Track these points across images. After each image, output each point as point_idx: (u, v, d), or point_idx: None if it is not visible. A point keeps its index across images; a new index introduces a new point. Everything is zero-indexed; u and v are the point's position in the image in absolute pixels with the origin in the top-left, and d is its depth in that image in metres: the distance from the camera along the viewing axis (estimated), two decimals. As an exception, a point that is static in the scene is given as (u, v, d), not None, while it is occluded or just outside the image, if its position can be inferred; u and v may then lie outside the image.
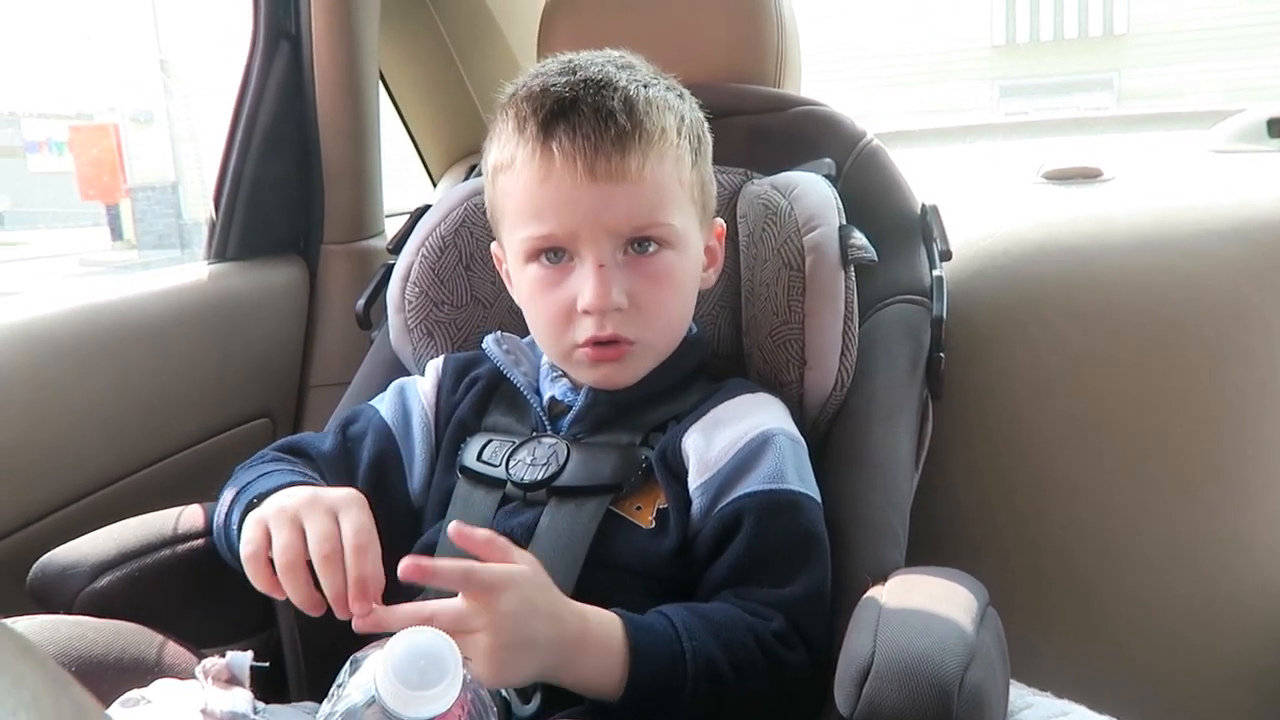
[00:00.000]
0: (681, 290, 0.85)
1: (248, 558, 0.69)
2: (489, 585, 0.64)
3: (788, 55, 1.17)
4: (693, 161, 0.85)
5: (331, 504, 0.71)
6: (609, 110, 0.79)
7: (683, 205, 0.84)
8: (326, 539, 0.67)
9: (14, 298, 1.17)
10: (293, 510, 0.70)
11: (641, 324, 0.82)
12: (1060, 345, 1.18)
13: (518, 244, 0.83)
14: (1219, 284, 1.15)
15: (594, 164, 0.78)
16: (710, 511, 0.79)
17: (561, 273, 0.82)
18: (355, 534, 0.69)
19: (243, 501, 0.78)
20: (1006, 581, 0.84)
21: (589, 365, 0.84)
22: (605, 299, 0.79)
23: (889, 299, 1.01)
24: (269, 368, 1.43)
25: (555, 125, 0.79)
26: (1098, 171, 1.35)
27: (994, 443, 1.22)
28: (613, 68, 0.83)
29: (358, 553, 0.68)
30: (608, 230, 0.79)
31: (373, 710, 0.55)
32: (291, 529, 0.69)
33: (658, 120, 0.81)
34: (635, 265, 0.81)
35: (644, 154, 0.79)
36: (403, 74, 1.72)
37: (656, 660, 0.69)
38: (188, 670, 0.76)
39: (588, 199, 0.78)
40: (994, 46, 9.93)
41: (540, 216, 0.80)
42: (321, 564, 0.67)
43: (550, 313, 0.83)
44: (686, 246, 0.84)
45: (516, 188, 0.82)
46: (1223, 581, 1.18)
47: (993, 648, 0.69)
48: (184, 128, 6.69)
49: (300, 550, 0.68)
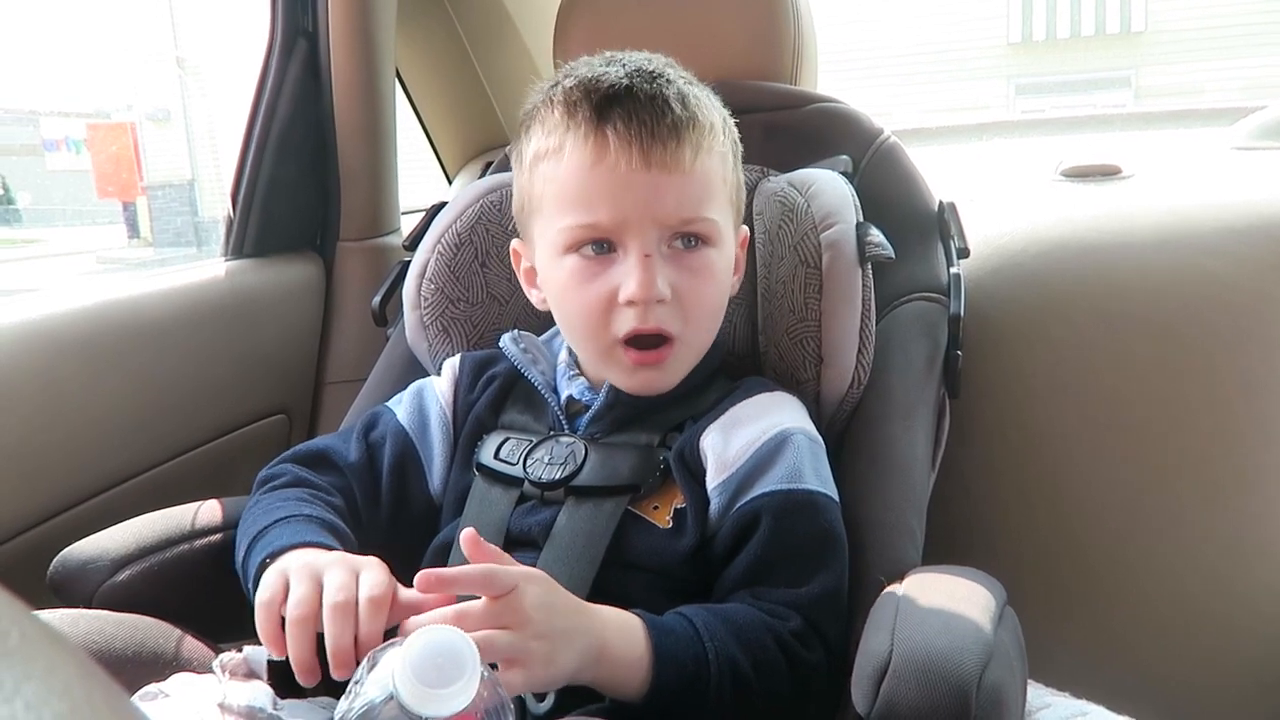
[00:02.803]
0: (720, 288, 0.85)
1: (263, 604, 0.67)
2: (511, 583, 0.64)
3: (804, 52, 1.17)
4: (733, 163, 0.86)
5: (354, 563, 0.69)
6: (665, 98, 0.79)
7: (724, 204, 0.84)
8: (342, 589, 0.65)
9: (32, 294, 1.18)
10: (316, 566, 0.68)
11: (684, 318, 0.81)
12: (1079, 344, 1.17)
13: (556, 234, 0.82)
14: (1241, 282, 1.14)
15: (649, 151, 0.77)
16: (728, 511, 0.79)
17: (603, 264, 0.81)
18: (373, 587, 0.66)
19: (260, 552, 0.75)
20: (1023, 581, 0.83)
21: (629, 369, 0.82)
22: (651, 288, 0.78)
23: (906, 297, 1.01)
24: (285, 364, 1.43)
25: (610, 110, 0.78)
26: (1117, 169, 1.34)
27: (1011, 442, 1.21)
28: (660, 62, 0.83)
29: (372, 605, 0.65)
30: (656, 220, 0.79)
31: (390, 707, 0.55)
32: (310, 584, 0.67)
33: (707, 114, 0.81)
34: (679, 259, 0.81)
35: (696, 146, 0.79)
36: (419, 72, 1.72)
37: (680, 661, 0.69)
38: (205, 665, 0.76)
39: (639, 186, 0.78)
40: (1010, 44, 9.87)
41: (589, 203, 0.79)
42: (331, 611, 0.64)
43: (589, 304, 0.81)
44: (724, 246, 0.84)
45: (563, 173, 0.80)
46: (1242, 585, 1.17)
47: (1011, 647, 0.68)
48: (201, 126, 6.74)
49: (314, 606, 0.65)
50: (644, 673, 0.68)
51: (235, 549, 0.82)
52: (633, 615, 0.70)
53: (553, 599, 0.66)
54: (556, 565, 0.77)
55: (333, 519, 0.81)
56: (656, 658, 0.68)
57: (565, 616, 0.66)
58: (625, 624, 0.69)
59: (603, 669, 0.67)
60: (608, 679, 0.68)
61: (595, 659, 0.66)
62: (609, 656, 0.67)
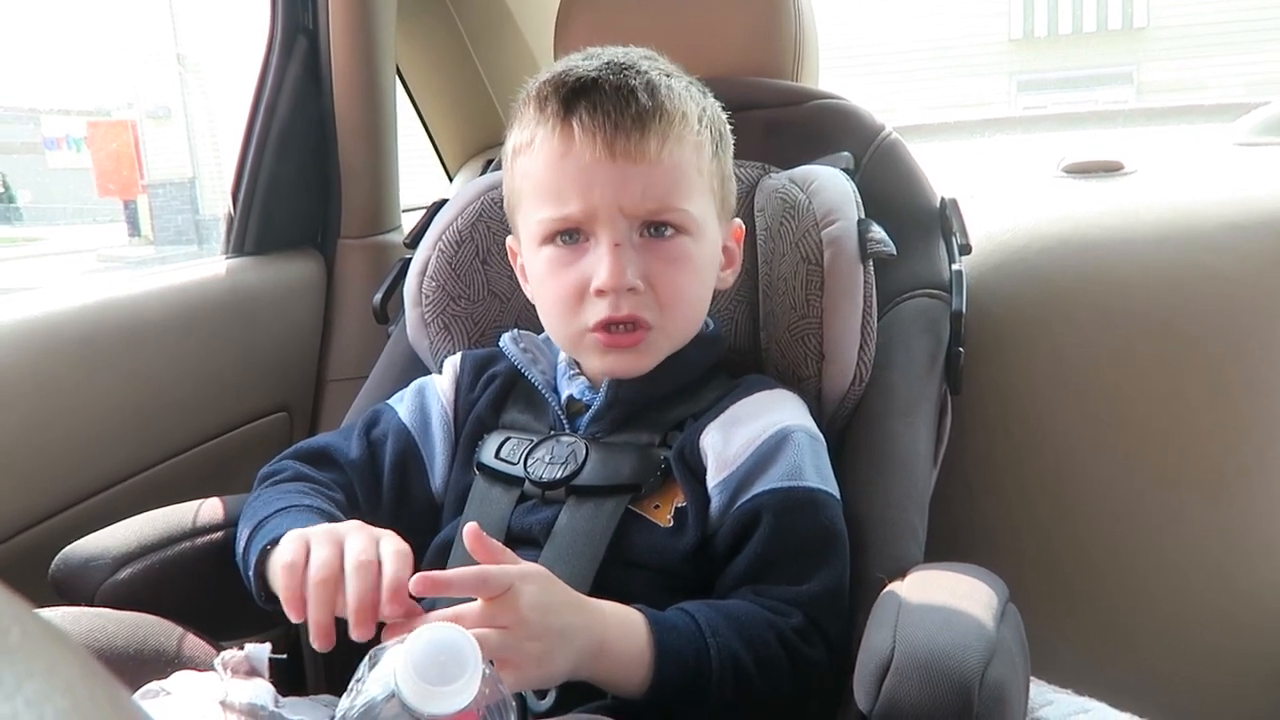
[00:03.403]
0: (699, 277, 0.85)
1: (285, 566, 0.67)
2: (506, 583, 0.64)
3: (805, 49, 1.17)
4: (713, 153, 0.85)
5: (374, 531, 0.70)
6: (630, 89, 0.79)
7: (701, 194, 0.83)
8: (364, 551, 0.66)
9: (33, 293, 1.18)
10: (338, 532, 0.69)
11: (658, 306, 0.81)
12: (1081, 340, 1.17)
13: (534, 226, 0.83)
14: (1244, 278, 1.14)
15: (613, 141, 0.78)
16: (729, 509, 0.79)
17: (576, 253, 0.81)
18: (395, 549, 0.67)
19: (261, 540, 0.76)
20: (1025, 578, 0.83)
21: (600, 351, 0.83)
22: (620, 278, 0.78)
23: (908, 293, 1.01)
24: (286, 362, 1.43)
25: (576, 102, 0.79)
26: (1119, 165, 1.34)
27: (1014, 439, 1.21)
28: (637, 55, 0.84)
29: (396, 557, 0.66)
30: (624, 210, 0.79)
31: (392, 705, 0.55)
32: (333, 548, 0.67)
33: (678, 104, 0.81)
34: (651, 248, 0.81)
35: (663, 136, 0.79)
36: (419, 69, 1.72)
37: (682, 656, 0.68)
38: (207, 662, 0.76)
39: (605, 176, 0.78)
40: (1012, 40, 9.85)
41: (559, 195, 0.80)
42: (354, 569, 0.65)
43: (562, 293, 0.82)
44: (703, 235, 0.84)
45: (536, 166, 0.82)
46: (1244, 581, 1.16)
47: (1013, 644, 0.68)
48: (201, 123, 6.73)
49: (336, 569, 0.66)
50: (645, 668, 0.68)
51: (235, 541, 0.82)
52: (634, 610, 0.70)
53: (549, 598, 0.66)
54: (557, 564, 0.77)
55: (333, 511, 0.81)
56: (658, 653, 0.68)
57: (562, 615, 0.65)
58: (626, 619, 0.69)
59: (602, 665, 0.67)
60: (608, 675, 0.68)
61: (594, 655, 0.66)
62: (609, 652, 0.67)
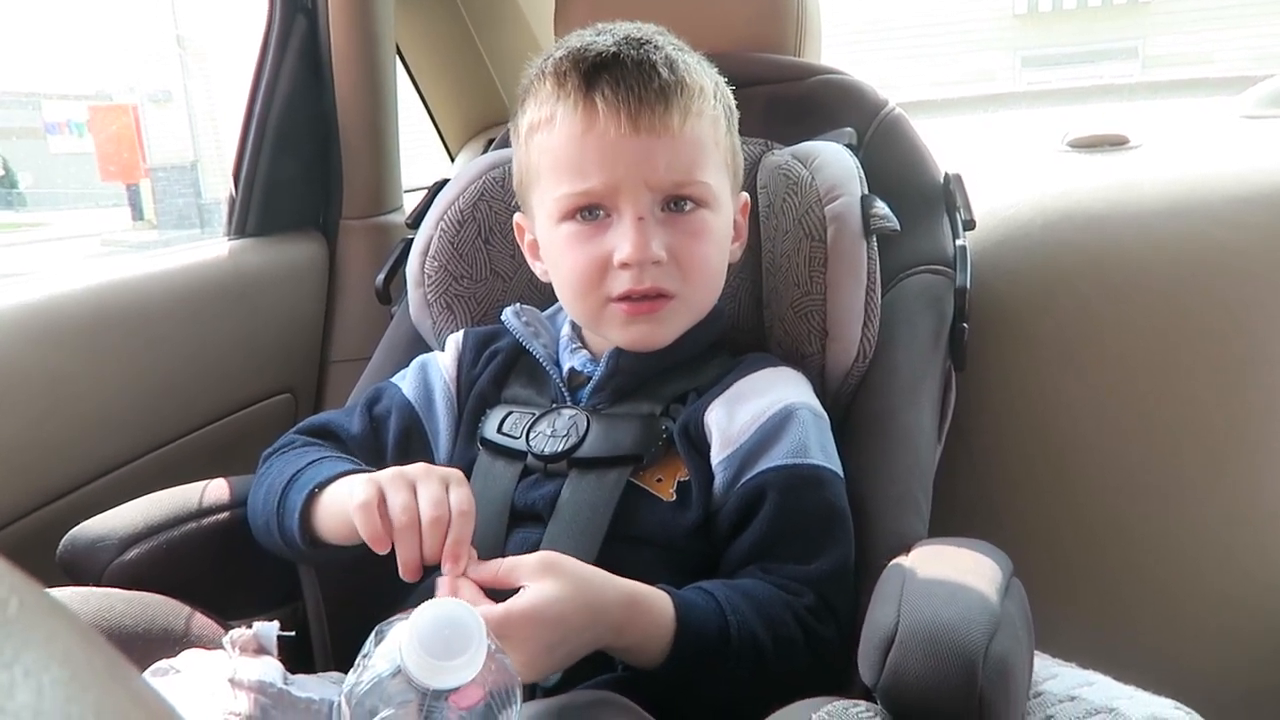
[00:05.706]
0: (718, 249, 0.85)
1: (361, 506, 0.69)
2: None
3: (808, 24, 1.16)
4: (726, 127, 0.86)
5: (444, 475, 0.72)
6: (651, 63, 0.79)
7: (718, 167, 0.84)
8: (439, 503, 0.69)
9: (36, 277, 1.18)
10: (411, 475, 0.71)
11: (681, 278, 0.82)
12: (1086, 315, 1.17)
13: (552, 203, 0.83)
14: (1249, 251, 1.13)
15: (638, 116, 0.78)
16: (733, 486, 0.79)
17: (598, 229, 0.81)
18: (461, 501, 0.69)
19: (304, 486, 0.78)
20: (1029, 553, 0.83)
21: (623, 322, 0.83)
22: (645, 250, 0.79)
23: (912, 269, 1.00)
24: (290, 343, 1.43)
25: (598, 77, 0.79)
26: (1124, 139, 1.33)
27: (1018, 414, 1.20)
28: (650, 30, 0.84)
29: (462, 517, 0.69)
30: (648, 184, 0.79)
31: (398, 680, 0.55)
32: (409, 493, 0.69)
33: (696, 78, 0.82)
34: (673, 222, 0.81)
35: (685, 109, 0.80)
36: (420, 48, 1.71)
37: (703, 634, 0.69)
38: (215, 641, 0.77)
39: (630, 151, 0.78)
40: (1016, 15, 9.76)
41: (581, 170, 0.80)
42: (430, 525, 0.68)
43: (583, 266, 0.82)
44: (721, 208, 0.84)
45: (555, 142, 0.81)
46: (1247, 557, 1.16)
47: (1017, 618, 0.68)
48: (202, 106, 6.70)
49: (415, 514, 0.68)
50: (664, 644, 0.69)
51: (255, 506, 0.83)
52: (660, 590, 0.71)
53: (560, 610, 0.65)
54: (562, 539, 0.77)
55: (360, 465, 0.83)
56: (680, 630, 0.69)
57: (561, 631, 0.65)
58: (653, 599, 0.70)
59: (622, 641, 0.68)
60: (626, 649, 0.69)
61: (612, 636, 0.67)
62: (631, 630, 0.68)
